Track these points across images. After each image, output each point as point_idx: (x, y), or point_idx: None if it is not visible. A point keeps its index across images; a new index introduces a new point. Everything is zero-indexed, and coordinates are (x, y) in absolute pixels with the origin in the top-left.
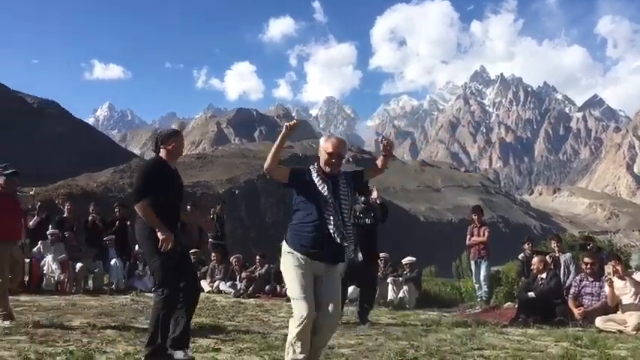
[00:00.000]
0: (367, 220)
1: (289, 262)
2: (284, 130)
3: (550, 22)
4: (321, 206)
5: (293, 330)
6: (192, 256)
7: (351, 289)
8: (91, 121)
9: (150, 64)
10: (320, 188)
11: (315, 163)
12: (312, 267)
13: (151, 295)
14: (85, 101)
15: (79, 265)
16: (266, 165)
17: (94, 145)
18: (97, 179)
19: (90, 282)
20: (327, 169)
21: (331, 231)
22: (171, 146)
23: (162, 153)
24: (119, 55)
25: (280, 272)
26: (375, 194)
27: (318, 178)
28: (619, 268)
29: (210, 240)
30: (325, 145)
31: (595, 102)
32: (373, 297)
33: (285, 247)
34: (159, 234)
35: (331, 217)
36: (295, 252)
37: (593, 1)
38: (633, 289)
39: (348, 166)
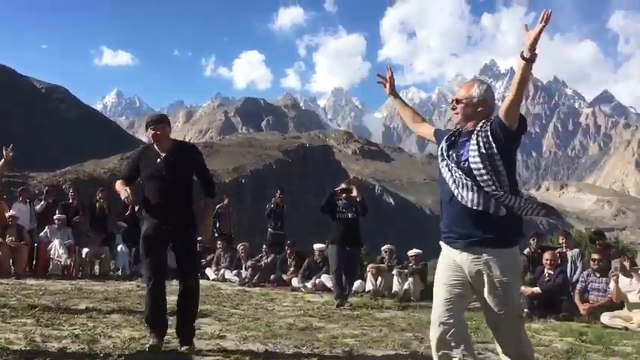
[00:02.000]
0: (349, 215)
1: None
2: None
3: (562, 16)
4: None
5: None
6: (197, 244)
7: (357, 283)
8: (99, 107)
9: (158, 52)
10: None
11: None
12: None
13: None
14: (93, 87)
15: (85, 250)
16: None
17: (101, 132)
18: (104, 165)
19: (96, 267)
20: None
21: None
22: (149, 134)
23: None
24: (128, 42)
25: (286, 260)
26: (355, 192)
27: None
28: (626, 264)
29: (269, 230)
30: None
31: (605, 98)
32: (354, 280)
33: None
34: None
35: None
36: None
37: None
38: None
39: (354, 158)
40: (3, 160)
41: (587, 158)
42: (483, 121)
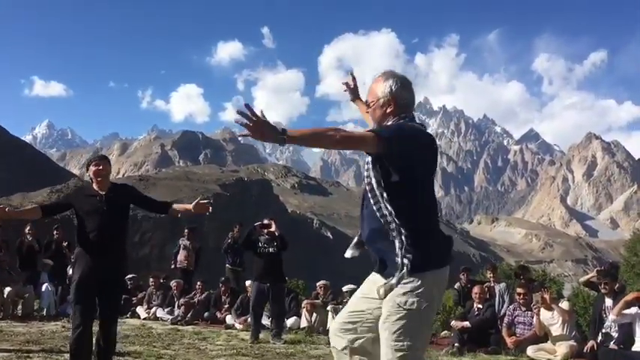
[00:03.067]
0: (271, 249)
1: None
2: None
3: (490, 57)
4: None
5: None
6: (128, 282)
7: (292, 319)
8: (28, 139)
9: (93, 83)
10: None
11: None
12: None
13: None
14: (23, 119)
15: (7, 289)
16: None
17: (30, 164)
18: (32, 199)
19: (19, 307)
20: None
21: None
22: (89, 172)
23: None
24: (61, 73)
25: (220, 298)
26: (273, 227)
27: None
28: (546, 297)
29: (227, 266)
30: None
31: (531, 136)
32: (283, 316)
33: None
34: None
35: None
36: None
37: (531, 39)
38: (561, 319)
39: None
40: None
41: (516, 193)
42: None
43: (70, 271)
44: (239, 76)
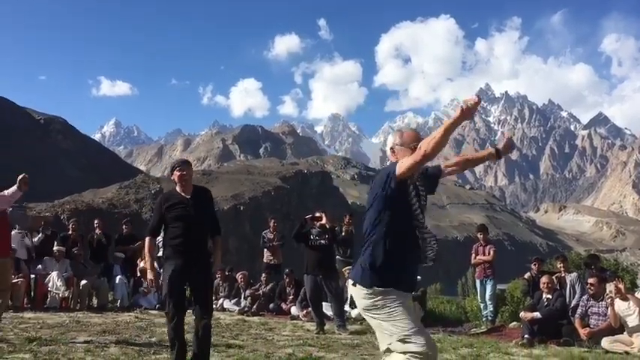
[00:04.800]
0: (323, 242)
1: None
2: (459, 112)
3: (555, 40)
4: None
5: None
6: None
7: (357, 311)
8: (97, 137)
9: (156, 81)
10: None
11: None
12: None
13: (155, 312)
14: (91, 117)
15: (83, 281)
16: (429, 150)
17: (100, 161)
18: (102, 195)
19: (94, 299)
20: None
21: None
22: (173, 176)
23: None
24: (126, 72)
25: (285, 289)
26: (324, 219)
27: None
28: (621, 287)
29: (338, 257)
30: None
31: (600, 120)
32: (343, 306)
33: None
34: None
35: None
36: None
37: (598, 19)
38: (638, 309)
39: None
40: (17, 185)
41: (585, 180)
42: None
43: (141, 264)
44: (296, 69)
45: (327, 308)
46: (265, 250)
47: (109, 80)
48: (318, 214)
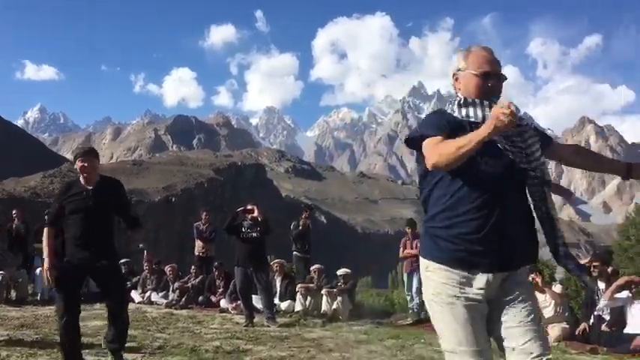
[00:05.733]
0: (254, 234)
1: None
2: (491, 127)
3: (485, 41)
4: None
5: None
6: (122, 267)
7: (286, 303)
8: (20, 123)
9: (85, 67)
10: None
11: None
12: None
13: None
14: (14, 102)
15: (1, 273)
16: (443, 163)
17: (22, 149)
18: (25, 184)
19: (13, 292)
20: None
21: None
22: (76, 166)
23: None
24: (52, 56)
25: (214, 282)
26: (256, 212)
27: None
28: (538, 280)
29: (296, 253)
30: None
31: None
32: (272, 299)
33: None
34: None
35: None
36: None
37: (526, 23)
38: (553, 302)
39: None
40: None
41: None
42: None
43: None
44: (232, 60)
45: (256, 301)
46: (197, 242)
47: (34, 64)
48: (249, 207)
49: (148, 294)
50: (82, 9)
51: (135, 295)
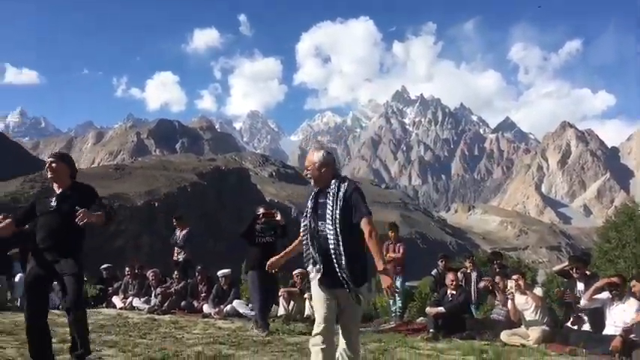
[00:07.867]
0: (268, 238)
1: None
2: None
3: (467, 46)
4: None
5: None
6: (104, 272)
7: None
8: (0, 127)
9: (67, 71)
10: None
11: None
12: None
13: (57, 312)
14: None
15: None
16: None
17: (2, 153)
18: (4, 188)
19: None
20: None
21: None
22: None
23: None
24: (33, 60)
25: (196, 287)
26: (278, 216)
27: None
28: (520, 283)
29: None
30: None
31: (507, 124)
32: (270, 305)
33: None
34: None
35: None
36: None
37: (507, 28)
38: (534, 304)
39: (270, 180)
40: None
41: (492, 181)
42: (333, 180)
43: None
44: (215, 64)
45: (238, 305)
46: (175, 248)
47: (14, 67)
48: (273, 211)
49: (129, 299)
50: (63, 12)
51: (117, 300)
